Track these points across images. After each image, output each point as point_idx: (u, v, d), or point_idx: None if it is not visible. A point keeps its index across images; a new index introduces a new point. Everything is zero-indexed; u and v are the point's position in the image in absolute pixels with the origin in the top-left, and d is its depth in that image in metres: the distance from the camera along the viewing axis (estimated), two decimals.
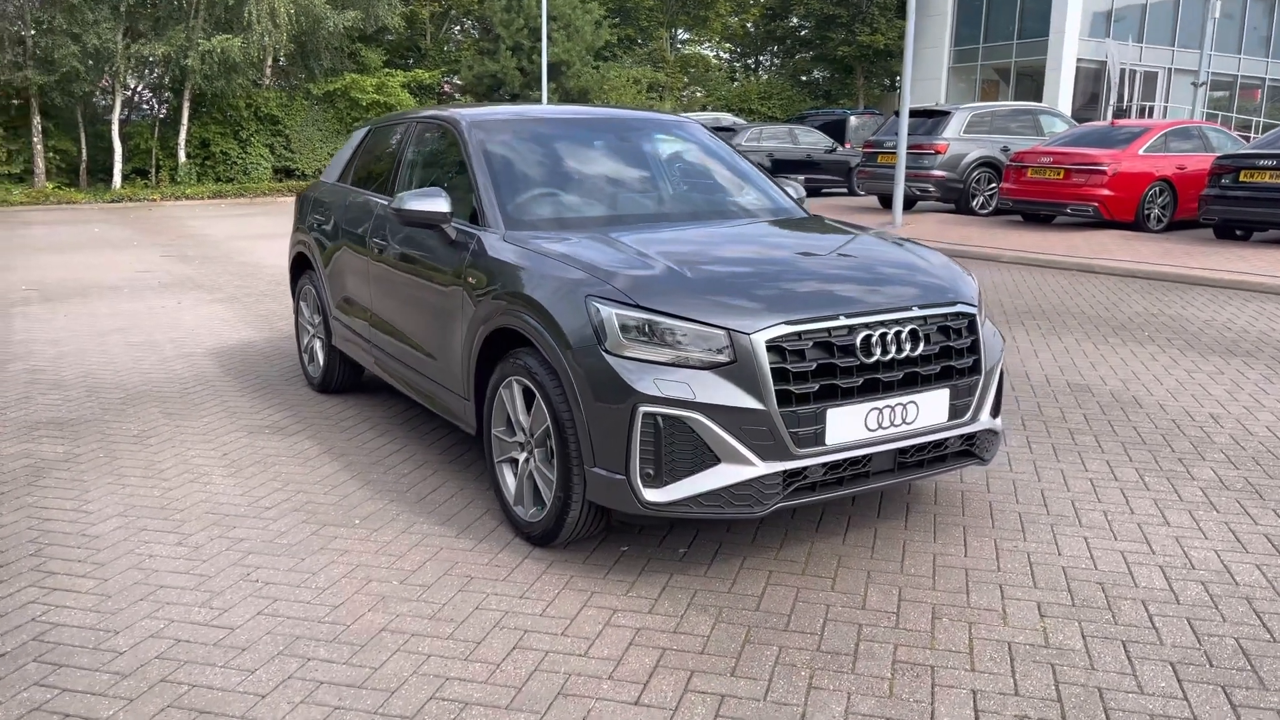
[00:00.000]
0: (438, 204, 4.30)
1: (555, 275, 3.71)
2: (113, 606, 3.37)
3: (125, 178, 23.20)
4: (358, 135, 6.13)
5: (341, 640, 3.15)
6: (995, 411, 4.09)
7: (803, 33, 36.76)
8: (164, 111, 24.95)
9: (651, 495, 3.39)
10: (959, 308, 3.79)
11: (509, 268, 3.92)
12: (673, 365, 3.38)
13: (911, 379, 3.63)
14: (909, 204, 17.22)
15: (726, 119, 23.79)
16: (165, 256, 12.94)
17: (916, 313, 3.66)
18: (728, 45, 40.79)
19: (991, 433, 3.98)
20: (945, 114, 16.64)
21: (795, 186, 5.27)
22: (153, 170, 23.64)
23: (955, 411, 3.75)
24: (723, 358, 3.38)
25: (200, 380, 6.47)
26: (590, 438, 3.47)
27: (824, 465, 3.48)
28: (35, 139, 22.41)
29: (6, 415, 5.66)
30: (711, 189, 5.03)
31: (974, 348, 3.82)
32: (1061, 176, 14.01)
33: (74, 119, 23.09)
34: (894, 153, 15.39)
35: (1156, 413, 5.68)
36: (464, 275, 4.17)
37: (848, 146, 22.65)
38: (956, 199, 16.40)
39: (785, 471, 3.40)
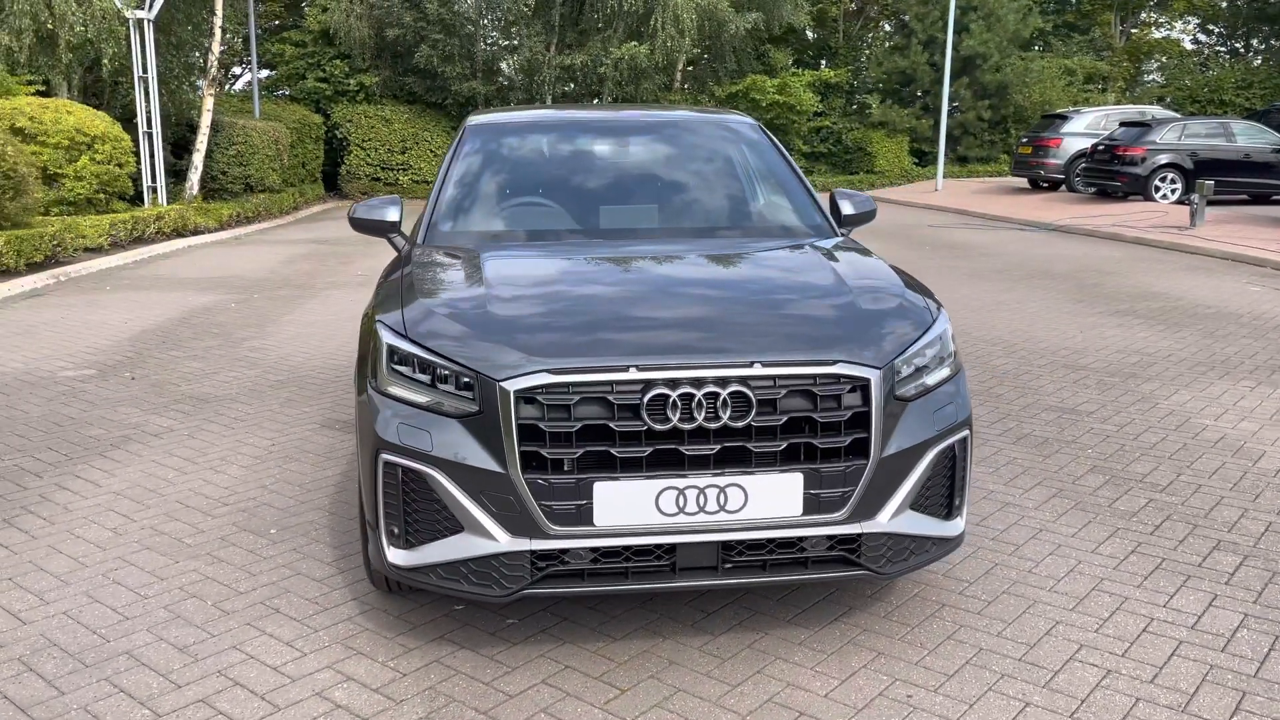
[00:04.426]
0: (384, 213, 4.12)
1: (384, 296, 3.38)
2: None
3: None
4: None
5: (72, 655, 3.10)
6: (946, 511, 3.07)
7: None
8: None
9: (396, 557, 2.95)
10: (839, 369, 2.85)
11: (380, 284, 3.65)
12: (426, 410, 2.91)
13: (738, 455, 2.79)
14: None
15: (1151, 111, 20.61)
16: None
17: (758, 370, 2.80)
18: (1210, 27, 35.19)
19: (905, 539, 2.96)
20: None
21: (857, 201, 4.32)
22: None
23: (817, 504, 2.83)
24: (472, 407, 2.84)
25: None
26: (362, 485, 3.11)
27: (592, 550, 2.80)
28: None
29: (179, 388, 6.39)
30: (698, 205, 4.27)
31: (859, 422, 2.85)
32: None
33: None
34: None
35: None
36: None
37: None
38: None
39: (533, 552, 2.79)
